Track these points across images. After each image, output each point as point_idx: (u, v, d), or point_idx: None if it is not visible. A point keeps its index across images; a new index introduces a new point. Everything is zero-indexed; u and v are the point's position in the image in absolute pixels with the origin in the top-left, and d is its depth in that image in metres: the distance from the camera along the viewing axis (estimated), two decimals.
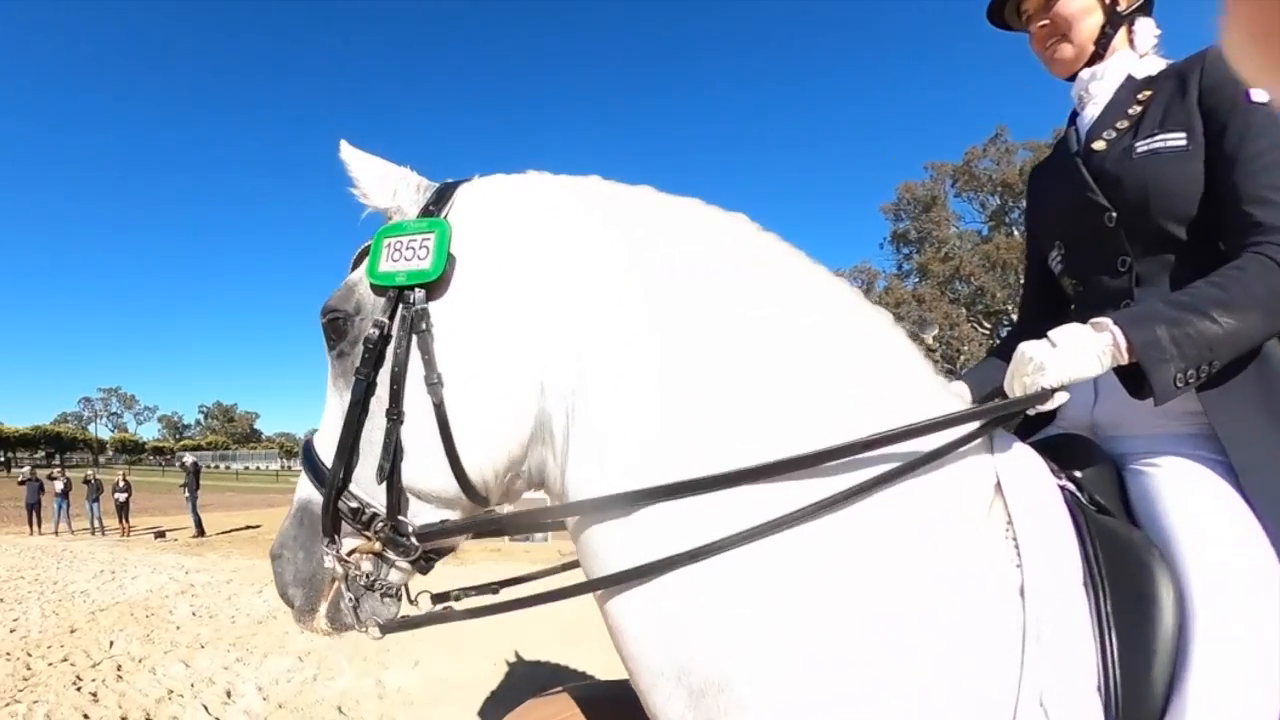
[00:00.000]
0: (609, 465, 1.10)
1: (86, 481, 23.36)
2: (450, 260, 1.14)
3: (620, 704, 1.49)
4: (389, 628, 1.21)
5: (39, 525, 21.90)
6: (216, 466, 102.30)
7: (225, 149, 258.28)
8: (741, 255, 1.18)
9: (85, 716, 5.58)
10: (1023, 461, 1.15)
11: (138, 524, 22.63)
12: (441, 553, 1.27)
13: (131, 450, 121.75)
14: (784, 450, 1.04)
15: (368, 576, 1.20)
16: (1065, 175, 1.52)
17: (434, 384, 1.11)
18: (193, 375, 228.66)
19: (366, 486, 1.17)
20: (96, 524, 22.25)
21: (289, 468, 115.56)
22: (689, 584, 1.03)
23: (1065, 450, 1.30)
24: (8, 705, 5.81)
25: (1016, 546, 1.03)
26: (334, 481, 1.16)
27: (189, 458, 24.71)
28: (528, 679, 6.15)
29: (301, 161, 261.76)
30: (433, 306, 1.14)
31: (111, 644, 7.83)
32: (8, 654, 7.42)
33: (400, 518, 1.16)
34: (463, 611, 1.29)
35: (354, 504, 1.17)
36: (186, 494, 21.96)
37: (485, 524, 1.22)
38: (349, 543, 1.20)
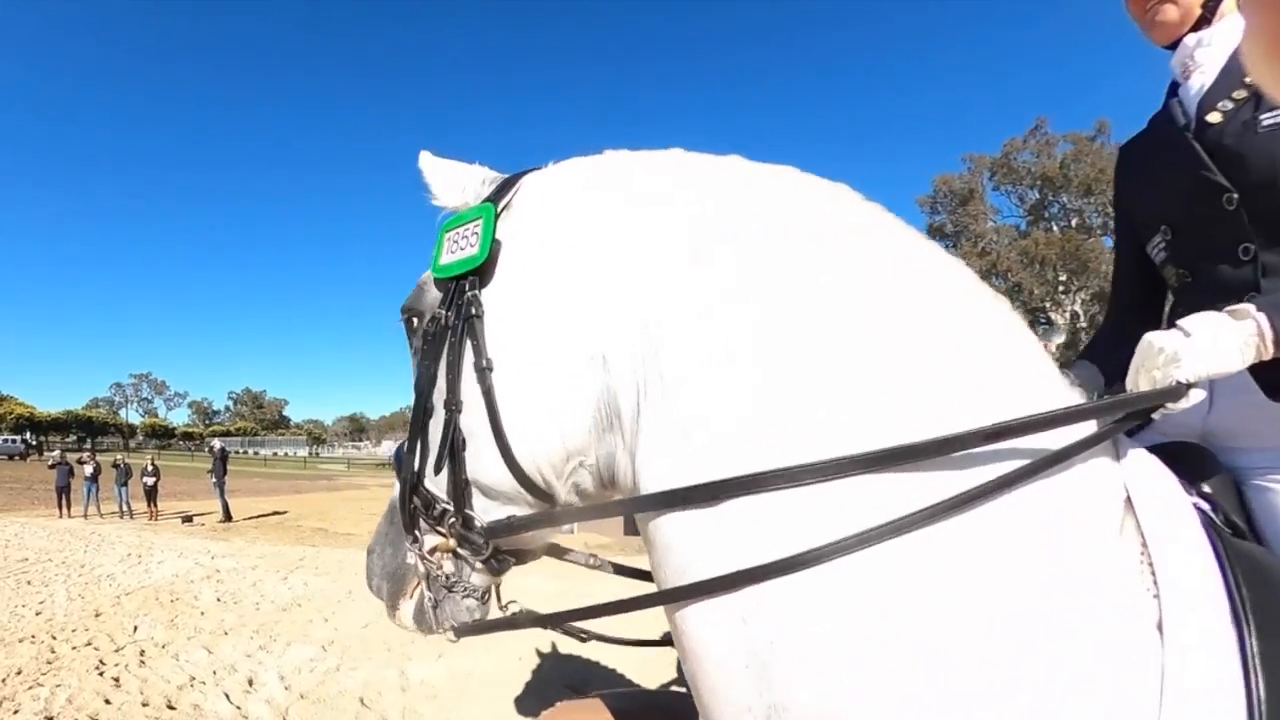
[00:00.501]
0: (691, 449, 0.94)
1: (116, 466, 23.68)
2: (498, 244, 1.11)
3: (658, 714, 1.44)
4: (463, 631, 1.19)
5: (68, 508, 22.29)
6: (245, 452, 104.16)
7: (256, 141, 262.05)
8: (843, 221, 1.03)
9: (107, 702, 5.55)
10: (1152, 473, 0.98)
11: (166, 508, 22.97)
12: (521, 556, 1.24)
13: (161, 435, 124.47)
14: (895, 436, 0.87)
15: (448, 577, 1.17)
16: (1172, 153, 1.37)
17: (483, 370, 1.07)
18: (223, 362, 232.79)
19: (436, 480, 1.14)
20: (125, 508, 22.59)
21: (317, 454, 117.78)
22: (793, 598, 0.86)
23: (1182, 461, 1.12)
24: (30, 689, 5.82)
25: (1153, 574, 0.88)
26: (407, 476, 1.16)
27: (217, 443, 24.92)
28: (555, 675, 6.02)
29: (331, 153, 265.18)
30: (484, 292, 1.11)
31: (135, 629, 7.84)
32: (33, 636, 7.45)
33: (467, 512, 1.11)
34: (531, 618, 1.22)
35: (426, 498, 1.15)
36: (213, 479, 22.17)
37: (552, 517, 1.12)
38: (430, 540, 1.18)
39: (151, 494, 22.20)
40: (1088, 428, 0.93)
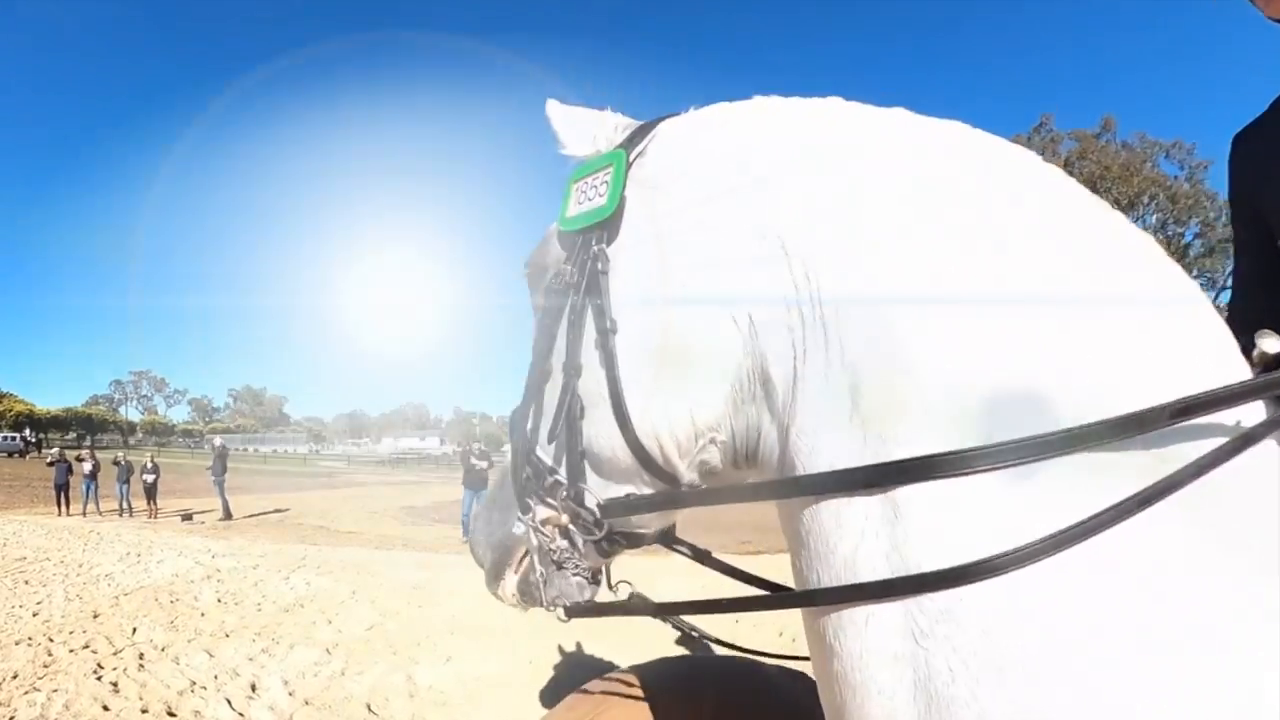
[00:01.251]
0: (866, 420, 0.80)
1: (117, 463, 23.64)
2: (628, 194, 1.02)
3: (705, 684, 1.39)
4: (575, 611, 1.11)
5: (67, 506, 22.25)
6: (245, 449, 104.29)
7: (258, 136, 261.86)
8: (1023, 179, 0.93)
9: (105, 708, 5.42)
10: None
11: (165, 506, 22.91)
12: (635, 540, 1.12)
13: (161, 432, 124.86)
14: (1093, 410, 0.73)
15: (560, 552, 1.08)
16: None
17: (605, 331, 0.98)
18: (223, 359, 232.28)
19: (549, 449, 1.07)
20: (124, 505, 22.52)
21: (317, 451, 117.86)
22: (990, 613, 0.70)
23: None
24: (26, 693, 5.68)
25: None
26: (519, 442, 1.10)
27: (218, 439, 24.85)
28: (567, 679, 5.84)
29: (332, 148, 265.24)
30: (612, 247, 1.02)
31: (134, 631, 7.68)
32: (30, 639, 7.30)
33: (580, 485, 1.03)
34: (647, 606, 1.14)
35: (538, 467, 1.08)
36: (213, 477, 22.05)
37: (675, 499, 1.02)
38: (542, 512, 1.09)
39: (151, 492, 22.14)
40: (1258, 410, 0.78)
